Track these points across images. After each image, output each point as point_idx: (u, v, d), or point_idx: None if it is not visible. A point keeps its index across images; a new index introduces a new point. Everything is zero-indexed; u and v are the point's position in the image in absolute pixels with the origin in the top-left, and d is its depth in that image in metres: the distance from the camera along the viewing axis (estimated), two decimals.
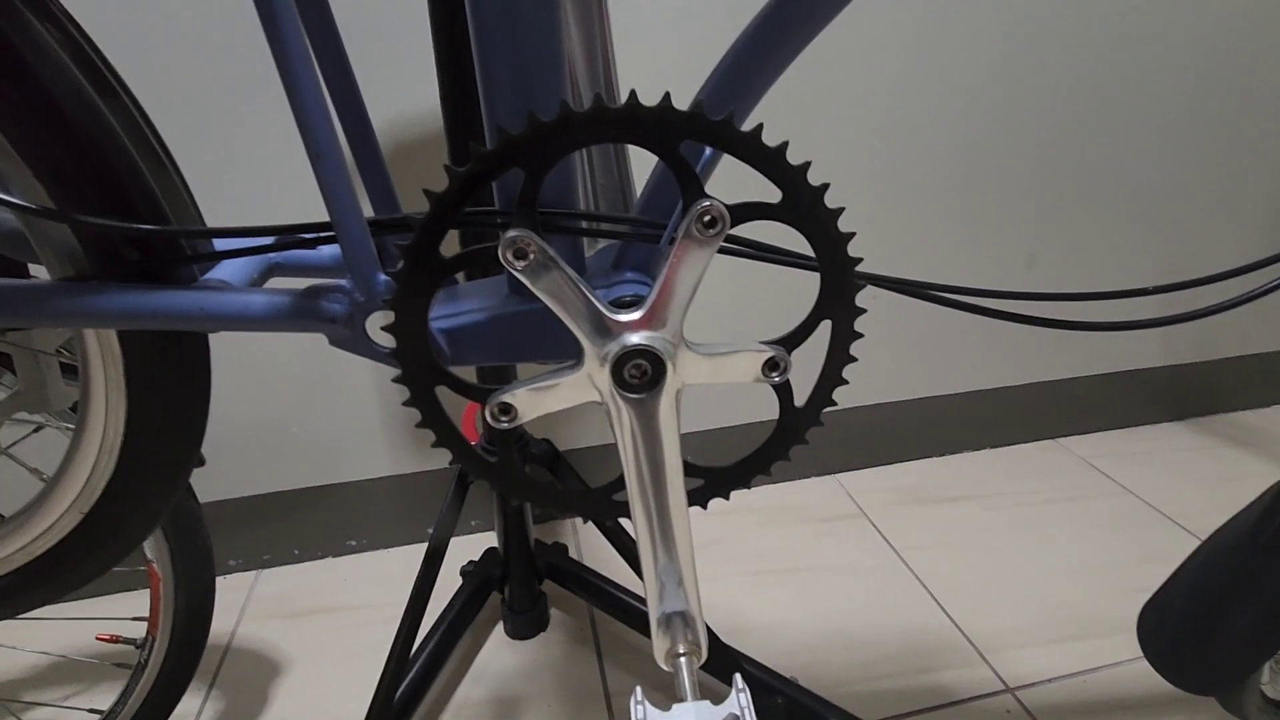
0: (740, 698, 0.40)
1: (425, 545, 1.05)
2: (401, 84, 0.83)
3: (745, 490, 0.42)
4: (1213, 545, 0.55)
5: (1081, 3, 1.00)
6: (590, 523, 1.07)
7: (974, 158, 1.05)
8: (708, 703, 0.40)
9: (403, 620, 0.71)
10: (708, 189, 0.33)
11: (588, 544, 1.05)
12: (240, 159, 0.82)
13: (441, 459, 1.03)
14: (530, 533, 0.84)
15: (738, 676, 0.41)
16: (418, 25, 0.81)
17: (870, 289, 0.38)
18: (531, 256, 0.32)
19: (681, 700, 0.40)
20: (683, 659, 0.42)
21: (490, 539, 1.04)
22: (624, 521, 0.50)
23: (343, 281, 0.36)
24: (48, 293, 0.33)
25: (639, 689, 0.40)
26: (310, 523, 1.02)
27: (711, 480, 0.42)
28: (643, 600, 0.80)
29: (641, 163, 0.48)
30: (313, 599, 0.96)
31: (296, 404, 0.96)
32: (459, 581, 0.86)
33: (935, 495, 1.13)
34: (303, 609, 0.95)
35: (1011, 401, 1.21)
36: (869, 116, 0.99)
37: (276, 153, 0.83)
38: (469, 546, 1.00)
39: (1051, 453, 1.23)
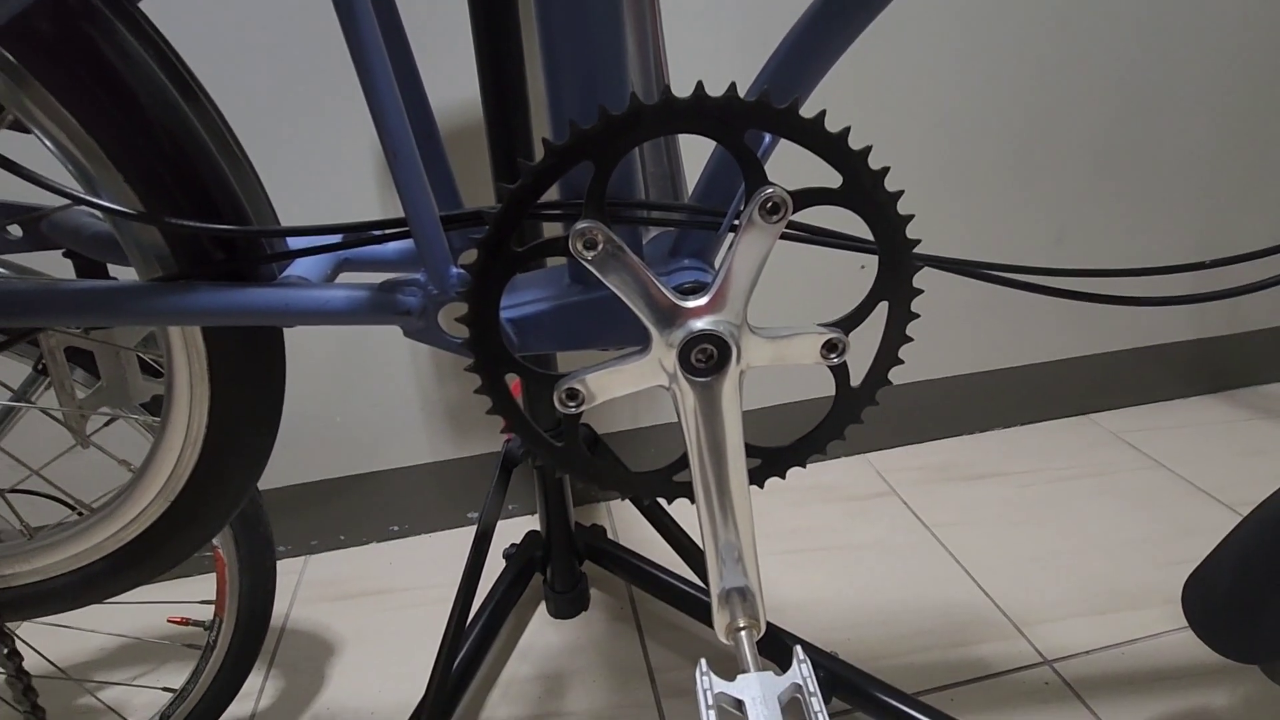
0: (802, 668, 0.41)
1: (464, 529, 1.09)
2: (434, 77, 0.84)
3: None
4: (1258, 517, 0.56)
5: None
6: (628, 503, 1.09)
7: (1000, 132, 1.04)
8: (770, 673, 0.41)
9: (455, 600, 0.73)
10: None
11: (622, 524, 1.07)
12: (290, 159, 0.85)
13: (478, 446, 1.05)
14: (571, 515, 0.86)
15: (798, 648, 0.42)
16: (451, 18, 0.83)
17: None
18: (601, 247, 0.34)
19: (744, 671, 0.42)
20: (743, 632, 0.44)
21: (526, 523, 1.07)
22: (660, 501, 0.52)
23: (416, 275, 0.37)
24: (142, 293, 0.35)
25: (704, 661, 0.42)
26: (355, 509, 1.04)
27: (769, 460, 0.43)
28: (681, 579, 0.83)
29: (689, 149, 0.49)
30: (360, 582, 0.99)
31: (339, 395, 0.98)
32: (500, 564, 0.89)
33: (966, 473, 1.13)
34: (351, 592, 0.98)
35: (1042, 378, 1.21)
36: (892, 89, 0.98)
37: (326, 153, 0.85)
38: (507, 530, 1.03)
39: (1083, 428, 1.23)
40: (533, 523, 0.91)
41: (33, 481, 0.56)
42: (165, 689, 0.71)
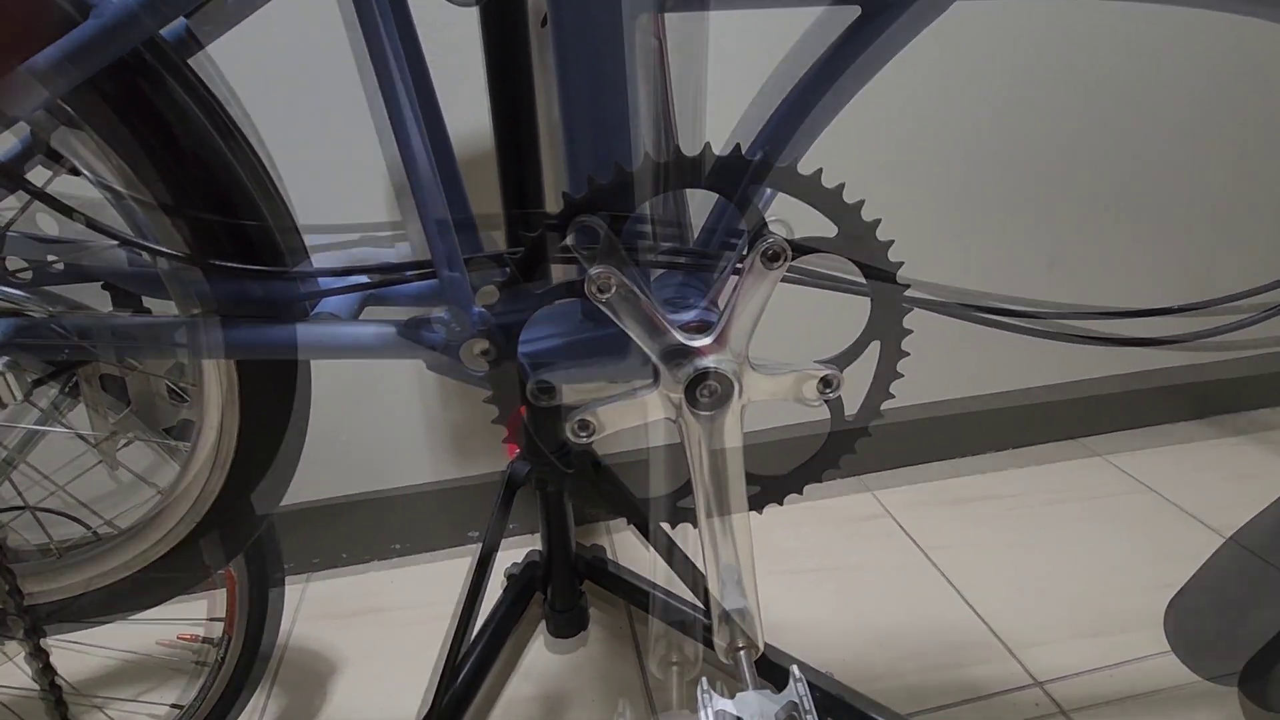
0: (798, 687, 0.43)
1: (465, 549, 1.10)
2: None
3: None
4: (1234, 543, 0.58)
5: (1100, 14, 1.02)
6: (630, 526, 1.11)
7: (994, 160, 1.07)
8: (768, 692, 0.43)
9: (458, 620, 0.75)
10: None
11: (622, 545, 1.09)
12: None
13: (479, 467, 1.07)
14: (572, 536, 0.88)
15: (794, 668, 0.44)
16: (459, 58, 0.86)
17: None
18: (614, 290, 0.36)
19: (743, 690, 0.44)
20: (742, 652, 0.46)
21: (527, 543, 1.09)
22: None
23: (440, 313, 0.39)
24: (186, 328, 0.37)
25: (704, 680, 0.44)
26: (357, 529, 1.06)
27: (768, 487, 0.45)
28: (679, 599, 0.84)
29: (696, 191, 0.52)
30: (362, 601, 1.01)
31: (343, 416, 1.00)
32: (502, 583, 0.90)
33: (959, 496, 1.15)
34: (353, 610, 0.99)
35: (1034, 402, 1.24)
36: (889, 117, 1.02)
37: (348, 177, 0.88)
38: (508, 549, 1.04)
39: (1074, 452, 1.25)
40: (533, 542, 0.93)
41: (54, 499, 0.57)
42: (173, 705, 0.72)
